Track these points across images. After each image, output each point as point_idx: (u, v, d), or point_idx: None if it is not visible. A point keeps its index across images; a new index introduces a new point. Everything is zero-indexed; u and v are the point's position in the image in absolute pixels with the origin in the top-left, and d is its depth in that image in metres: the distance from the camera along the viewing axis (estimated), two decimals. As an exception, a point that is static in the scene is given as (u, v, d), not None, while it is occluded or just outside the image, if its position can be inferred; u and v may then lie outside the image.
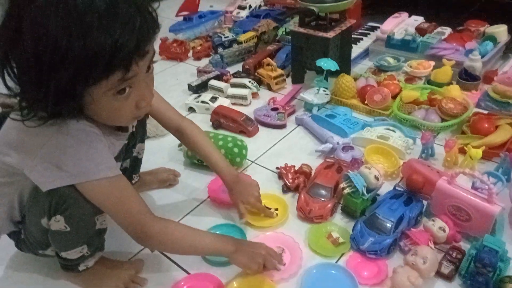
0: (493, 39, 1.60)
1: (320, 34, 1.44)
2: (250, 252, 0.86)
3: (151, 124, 1.37)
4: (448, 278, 0.86)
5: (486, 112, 1.33)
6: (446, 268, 0.86)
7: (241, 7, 2.25)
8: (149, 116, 0.98)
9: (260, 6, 2.31)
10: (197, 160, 1.21)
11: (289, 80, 1.66)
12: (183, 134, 1.00)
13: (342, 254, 0.94)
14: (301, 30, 1.48)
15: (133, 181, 1.08)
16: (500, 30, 1.63)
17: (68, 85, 0.60)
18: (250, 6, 2.26)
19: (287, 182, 1.13)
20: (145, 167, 1.18)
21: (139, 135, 0.99)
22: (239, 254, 0.85)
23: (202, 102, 1.50)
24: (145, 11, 0.63)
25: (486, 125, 1.23)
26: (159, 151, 1.33)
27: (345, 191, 1.00)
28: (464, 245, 0.93)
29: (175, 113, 1.00)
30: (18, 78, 0.63)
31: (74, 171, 0.69)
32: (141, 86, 0.68)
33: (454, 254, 0.89)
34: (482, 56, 1.52)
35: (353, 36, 1.90)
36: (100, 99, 0.65)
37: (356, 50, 1.80)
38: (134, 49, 0.60)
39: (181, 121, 1.00)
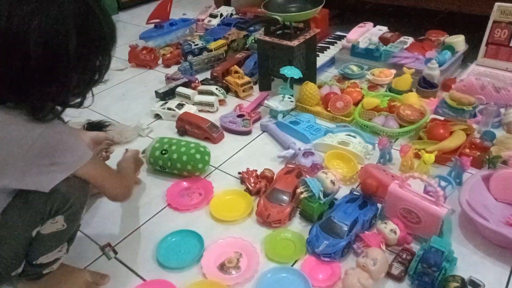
0: (451, 48, 1.67)
1: (285, 42, 1.47)
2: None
3: (115, 132, 1.38)
4: (397, 278, 0.89)
5: (442, 118, 1.38)
6: (396, 269, 0.89)
7: (213, 15, 2.28)
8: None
9: (231, 14, 2.34)
10: (159, 167, 1.22)
11: (256, 87, 1.68)
12: None
13: (298, 259, 0.95)
14: (267, 38, 1.51)
15: None
16: (458, 40, 1.70)
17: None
18: (221, 15, 2.28)
19: (249, 186, 1.15)
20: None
21: None
22: None
23: (168, 109, 1.51)
24: None
25: (441, 131, 1.27)
26: (123, 158, 1.32)
27: (302, 195, 1.02)
28: (416, 247, 0.95)
29: None
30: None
31: (70, 161, 0.73)
32: None
33: (404, 256, 0.92)
34: (441, 65, 1.58)
35: (320, 44, 1.95)
36: None
37: (323, 58, 1.84)
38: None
39: None
